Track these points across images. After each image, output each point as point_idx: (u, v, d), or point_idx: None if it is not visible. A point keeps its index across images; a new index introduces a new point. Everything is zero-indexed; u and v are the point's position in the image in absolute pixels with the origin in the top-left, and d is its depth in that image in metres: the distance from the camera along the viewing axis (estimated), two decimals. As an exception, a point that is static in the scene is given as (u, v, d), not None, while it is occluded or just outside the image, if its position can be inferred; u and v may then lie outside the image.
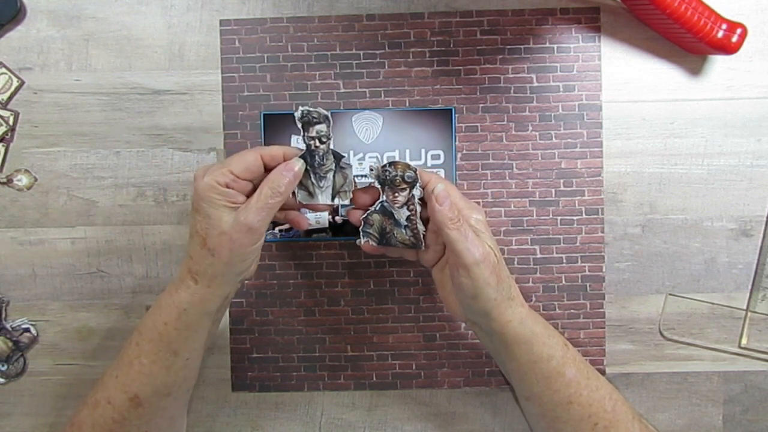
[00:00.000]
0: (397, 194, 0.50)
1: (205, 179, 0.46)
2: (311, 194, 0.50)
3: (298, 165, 0.48)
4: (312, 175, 0.49)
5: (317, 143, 0.49)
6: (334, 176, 0.50)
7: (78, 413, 0.53)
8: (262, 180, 0.48)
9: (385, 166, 0.50)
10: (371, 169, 0.50)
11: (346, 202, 0.51)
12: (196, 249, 0.47)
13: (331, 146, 0.49)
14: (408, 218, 0.50)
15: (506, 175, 0.60)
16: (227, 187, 0.46)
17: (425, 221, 0.51)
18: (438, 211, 0.47)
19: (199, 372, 0.55)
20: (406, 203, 0.50)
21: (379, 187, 0.50)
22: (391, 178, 0.50)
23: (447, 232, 0.47)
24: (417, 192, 0.50)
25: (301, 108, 0.48)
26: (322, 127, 0.49)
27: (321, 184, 0.50)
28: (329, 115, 0.49)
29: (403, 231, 0.51)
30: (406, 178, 0.49)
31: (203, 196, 0.46)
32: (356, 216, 0.52)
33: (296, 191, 0.50)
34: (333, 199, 0.50)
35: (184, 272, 0.49)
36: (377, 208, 0.51)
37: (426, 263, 0.53)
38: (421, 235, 0.51)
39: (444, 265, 0.51)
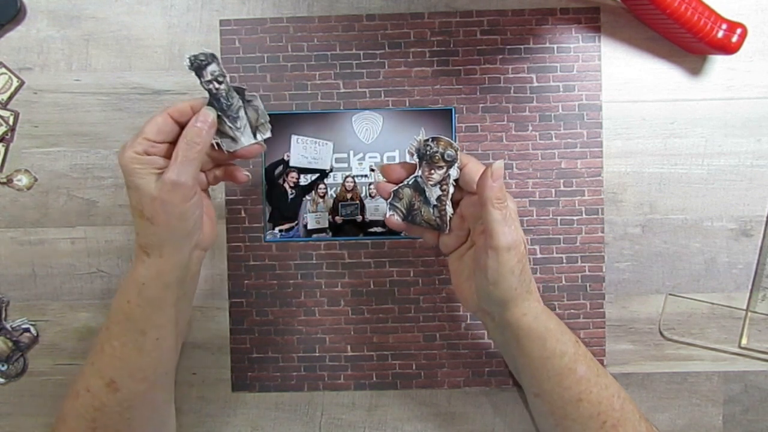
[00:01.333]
0: (433, 171, 0.49)
1: (126, 153, 0.47)
2: (234, 139, 0.50)
3: (210, 113, 0.48)
4: (226, 119, 0.49)
5: (216, 85, 0.49)
6: (246, 113, 0.50)
7: (62, 406, 0.53)
8: (166, 136, 0.48)
9: (427, 140, 0.49)
10: (415, 139, 0.49)
11: (268, 134, 0.51)
12: (138, 222, 0.48)
13: (229, 83, 0.49)
14: (438, 198, 0.49)
15: (506, 175, 0.60)
16: (146, 154, 0.47)
17: (455, 204, 0.50)
18: (490, 187, 0.46)
19: (177, 357, 0.54)
20: (440, 182, 0.49)
21: (416, 161, 0.49)
22: (430, 153, 0.48)
23: (491, 210, 0.46)
24: (454, 172, 0.49)
25: (187, 56, 0.48)
26: (213, 67, 0.49)
27: (237, 126, 0.50)
28: (215, 54, 0.49)
29: (431, 210, 0.50)
30: (446, 156, 0.48)
31: (128, 170, 0.47)
32: (386, 189, 0.51)
33: (220, 142, 0.50)
34: (255, 136, 0.51)
35: (136, 249, 0.49)
36: (410, 183, 0.50)
37: (444, 248, 0.52)
38: (448, 218, 0.50)
39: (463, 252, 0.51)
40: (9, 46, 0.61)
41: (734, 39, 0.55)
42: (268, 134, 0.51)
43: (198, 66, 0.48)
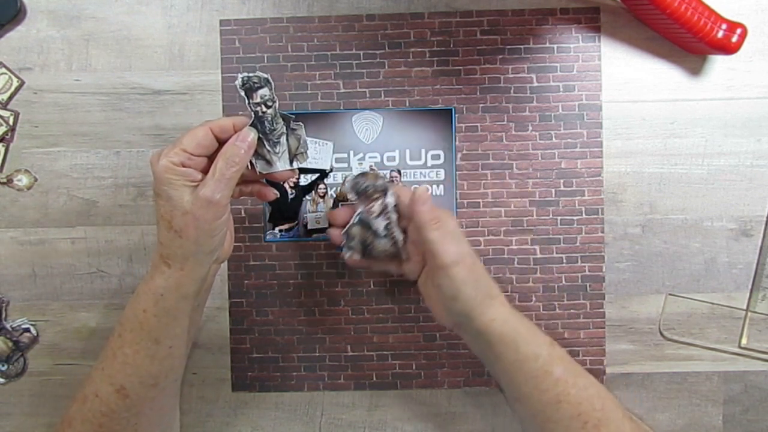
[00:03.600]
0: (371, 204, 0.51)
1: (161, 162, 0.46)
2: (269, 162, 0.50)
3: (251, 134, 0.48)
4: (266, 143, 0.49)
5: (263, 108, 0.48)
6: (287, 140, 0.50)
7: (68, 409, 0.52)
8: (216, 155, 0.48)
9: (356, 176, 0.51)
10: (344, 182, 0.52)
11: (305, 164, 0.51)
12: (163, 233, 0.47)
13: (277, 109, 0.49)
14: (386, 227, 0.51)
15: (506, 175, 0.60)
16: (183, 166, 0.46)
17: (403, 231, 0.52)
18: (419, 212, 0.48)
19: (185, 362, 0.54)
20: (381, 212, 0.51)
21: (356, 199, 0.52)
22: (363, 188, 0.51)
23: (428, 232, 0.48)
24: (390, 199, 0.51)
25: (240, 75, 0.48)
26: (265, 92, 0.48)
27: (276, 150, 0.49)
28: (269, 78, 0.48)
29: (383, 240, 0.52)
30: (377, 186, 0.51)
31: (162, 179, 0.46)
32: (336, 233, 0.53)
33: (254, 162, 0.49)
34: (291, 163, 0.50)
35: (156, 258, 0.49)
36: (356, 221, 0.52)
37: (410, 275, 0.54)
38: (401, 243, 0.52)
39: (428, 275, 0.52)
40: (9, 46, 0.61)
41: (734, 39, 0.55)
42: (305, 164, 0.51)
43: (249, 87, 0.48)
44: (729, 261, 0.60)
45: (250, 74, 0.48)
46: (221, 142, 0.48)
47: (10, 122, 0.61)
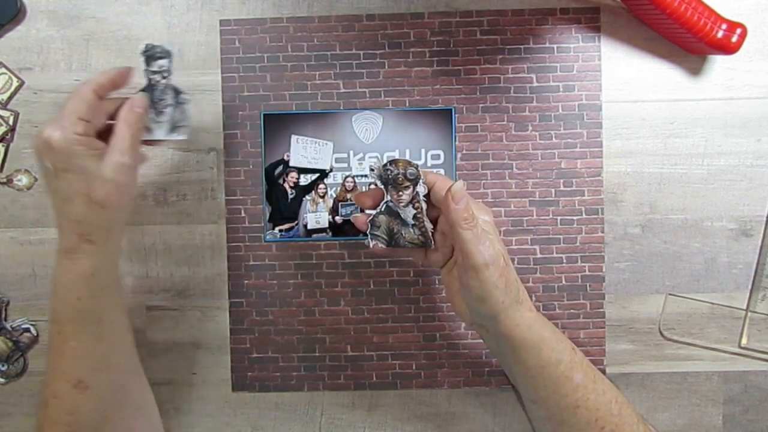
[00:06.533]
0: (401, 193, 0.49)
1: (63, 135, 0.44)
2: (148, 129, 0.51)
3: (145, 99, 0.49)
4: (150, 110, 0.50)
5: (159, 78, 0.50)
6: (173, 111, 0.51)
7: (37, 417, 0.50)
8: (95, 114, 0.47)
9: (386, 164, 0.49)
10: (372, 169, 0.50)
11: (184, 137, 0.52)
12: (81, 209, 0.46)
13: (170, 83, 0.51)
14: (415, 216, 0.50)
15: (506, 175, 0.60)
16: (85, 135, 0.45)
17: (432, 220, 0.50)
18: (453, 210, 0.46)
19: (132, 333, 0.52)
20: (410, 201, 0.49)
21: (382, 187, 0.50)
22: (393, 176, 0.49)
23: (460, 231, 0.46)
24: (421, 189, 0.49)
25: (145, 42, 0.50)
26: (164, 63, 0.50)
27: (158, 119, 0.51)
28: (172, 52, 0.50)
29: (411, 230, 0.50)
30: (408, 175, 0.49)
31: (70, 152, 0.45)
32: (362, 220, 0.51)
33: None
34: (170, 133, 0.51)
35: (72, 241, 0.47)
36: (382, 209, 0.50)
37: (434, 264, 0.52)
38: (430, 233, 0.50)
39: (452, 266, 0.51)
40: (9, 46, 0.61)
41: (734, 39, 0.55)
42: (184, 136, 0.52)
43: (151, 55, 0.50)
44: (729, 261, 0.60)
45: (156, 44, 0.50)
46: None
47: (10, 122, 0.61)
